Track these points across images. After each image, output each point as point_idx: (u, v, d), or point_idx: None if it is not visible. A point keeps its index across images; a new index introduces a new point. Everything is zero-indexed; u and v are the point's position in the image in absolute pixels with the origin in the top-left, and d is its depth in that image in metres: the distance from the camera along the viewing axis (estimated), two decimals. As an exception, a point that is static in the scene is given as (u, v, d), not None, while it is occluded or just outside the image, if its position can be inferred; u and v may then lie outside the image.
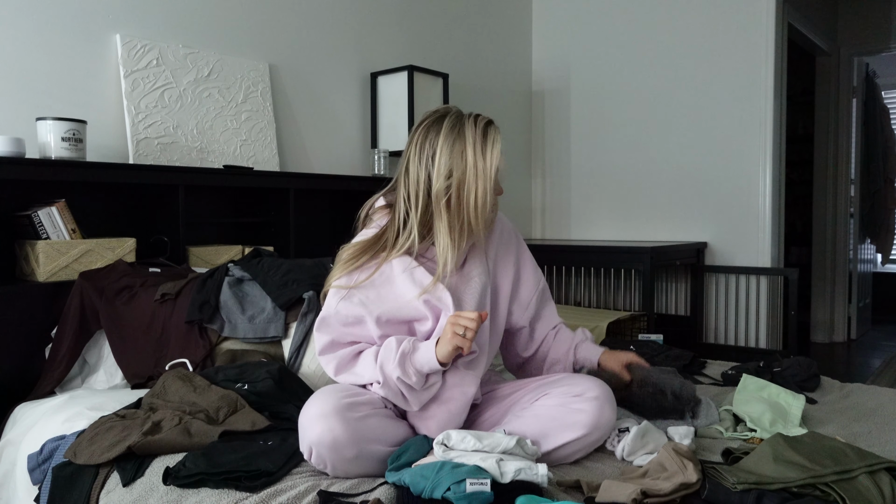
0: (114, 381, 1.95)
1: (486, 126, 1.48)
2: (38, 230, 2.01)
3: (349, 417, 1.31)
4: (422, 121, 1.53)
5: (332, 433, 1.29)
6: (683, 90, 3.69)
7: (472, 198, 1.45)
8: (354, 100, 3.20)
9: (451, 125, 1.48)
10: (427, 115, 1.53)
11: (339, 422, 1.30)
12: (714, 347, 3.55)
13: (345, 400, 1.34)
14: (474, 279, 1.56)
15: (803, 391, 1.89)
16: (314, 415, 1.32)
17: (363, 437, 1.32)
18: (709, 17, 3.60)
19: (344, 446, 1.29)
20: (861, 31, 4.79)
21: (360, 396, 1.40)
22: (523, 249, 1.74)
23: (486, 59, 3.90)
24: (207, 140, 2.55)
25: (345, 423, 1.30)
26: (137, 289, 2.02)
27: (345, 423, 1.30)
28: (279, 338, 1.99)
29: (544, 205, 4.25)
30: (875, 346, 4.85)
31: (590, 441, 1.42)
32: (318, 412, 1.32)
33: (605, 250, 3.40)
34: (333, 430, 1.29)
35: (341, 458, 1.30)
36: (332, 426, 1.29)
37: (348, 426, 1.30)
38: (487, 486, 1.13)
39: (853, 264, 5.02)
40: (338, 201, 3.00)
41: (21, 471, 1.60)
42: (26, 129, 2.14)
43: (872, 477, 1.19)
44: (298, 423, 1.36)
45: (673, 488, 1.16)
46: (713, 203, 3.63)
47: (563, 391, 1.47)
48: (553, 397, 1.47)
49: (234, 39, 2.73)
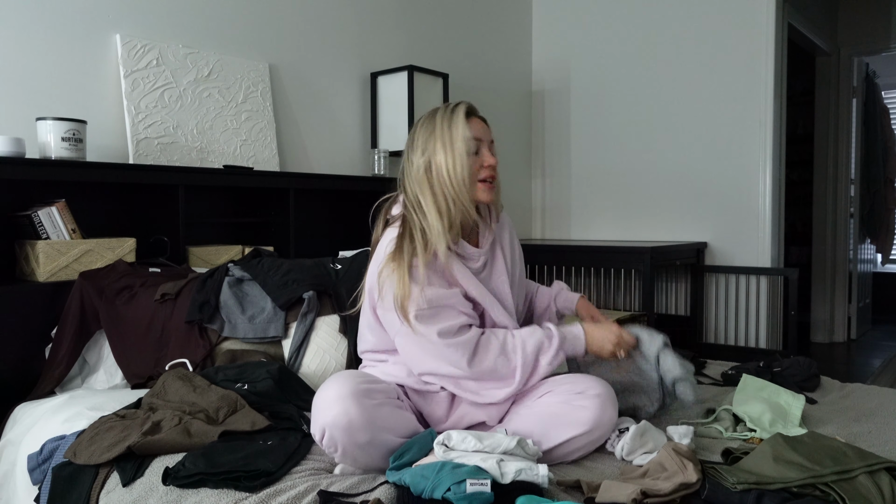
0: (114, 381, 1.95)
1: (456, 104, 1.55)
2: (39, 230, 2.01)
3: (366, 403, 1.33)
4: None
5: (347, 416, 1.30)
6: (683, 90, 3.69)
7: (444, 170, 1.49)
8: (354, 100, 3.20)
9: (429, 114, 1.56)
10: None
11: (355, 405, 1.31)
12: (714, 347, 3.55)
13: (362, 385, 1.36)
14: (503, 274, 1.63)
15: (803, 391, 1.89)
16: (331, 397, 1.33)
17: (376, 424, 1.33)
18: (709, 17, 3.60)
19: (358, 430, 1.30)
20: (861, 31, 4.79)
21: (377, 384, 1.42)
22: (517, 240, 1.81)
23: (486, 59, 3.90)
24: (207, 140, 2.55)
25: (361, 407, 1.31)
26: (137, 289, 2.02)
27: (361, 407, 1.31)
28: (279, 338, 1.99)
29: (544, 205, 4.25)
30: (875, 346, 4.85)
31: (591, 438, 1.43)
32: (335, 394, 1.33)
33: (605, 250, 3.40)
34: (349, 413, 1.30)
35: (353, 443, 1.31)
36: (348, 408, 1.30)
37: (364, 410, 1.31)
38: (488, 486, 1.13)
39: (853, 264, 5.02)
40: (338, 201, 3.00)
41: (21, 471, 1.60)
42: (26, 129, 2.14)
43: (872, 477, 1.19)
44: (313, 405, 1.37)
45: (673, 488, 1.16)
46: (713, 203, 3.63)
47: (566, 389, 1.48)
48: (556, 395, 1.48)
49: (234, 39, 2.73)
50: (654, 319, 3.28)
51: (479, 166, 1.52)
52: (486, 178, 1.53)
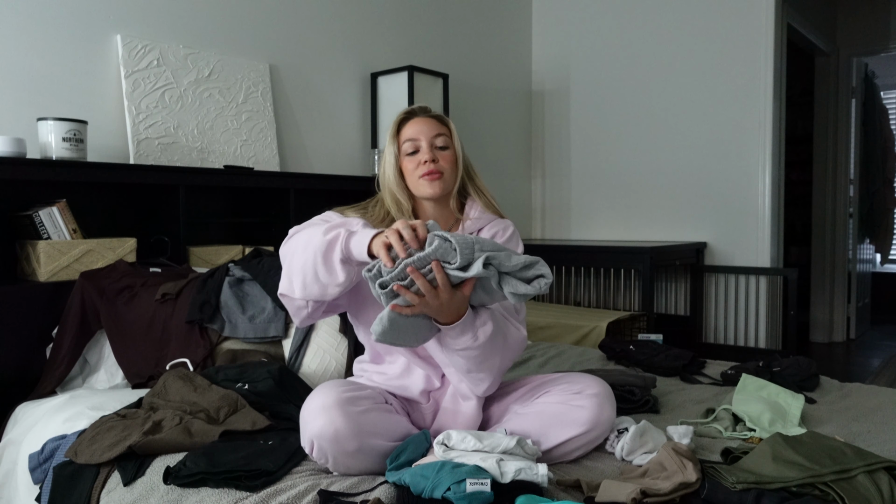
0: (114, 380, 1.96)
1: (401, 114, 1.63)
2: (39, 230, 2.01)
3: (351, 411, 1.32)
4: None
5: (333, 426, 1.29)
6: (683, 90, 3.69)
7: (382, 175, 1.61)
8: (354, 100, 3.21)
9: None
10: None
11: (340, 415, 1.30)
12: (714, 347, 3.56)
13: (346, 394, 1.35)
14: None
15: (802, 391, 1.89)
16: (316, 408, 1.32)
17: (364, 430, 1.32)
18: (708, 17, 3.60)
19: (346, 439, 1.29)
20: (860, 32, 4.80)
21: (362, 391, 1.41)
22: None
23: (486, 59, 3.91)
24: (208, 140, 2.56)
25: (346, 416, 1.30)
26: (138, 289, 2.02)
27: (346, 416, 1.30)
28: (279, 338, 1.99)
29: (544, 205, 4.25)
30: (874, 345, 4.86)
31: (590, 438, 1.43)
32: (319, 405, 1.32)
33: (604, 250, 3.40)
34: (335, 423, 1.29)
35: (343, 452, 1.30)
36: (333, 419, 1.30)
37: (350, 419, 1.30)
38: (487, 485, 1.13)
39: (852, 264, 5.03)
40: (338, 201, 2.98)
41: (22, 470, 1.60)
42: (27, 130, 2.14)
43: (871, 476, 1.19)
44: (300, 417, 1.36)
45: (672, 488, 1.16)
46: (713, 203, 3.63)
47: (564, 388, 1.48)
48: (553, 394, 1.48)
49: (235, 40, 2.73)
50: (654, 319, 3.29)
51: (417, 164, 1.57)
52: (425, 174, 1.55)
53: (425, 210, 1.60)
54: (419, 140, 1.56)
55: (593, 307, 3.72)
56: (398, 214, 1.57)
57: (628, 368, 2.19)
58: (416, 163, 1.56)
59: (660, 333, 2.67)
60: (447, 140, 1.58)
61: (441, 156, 1.57)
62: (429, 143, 1.56)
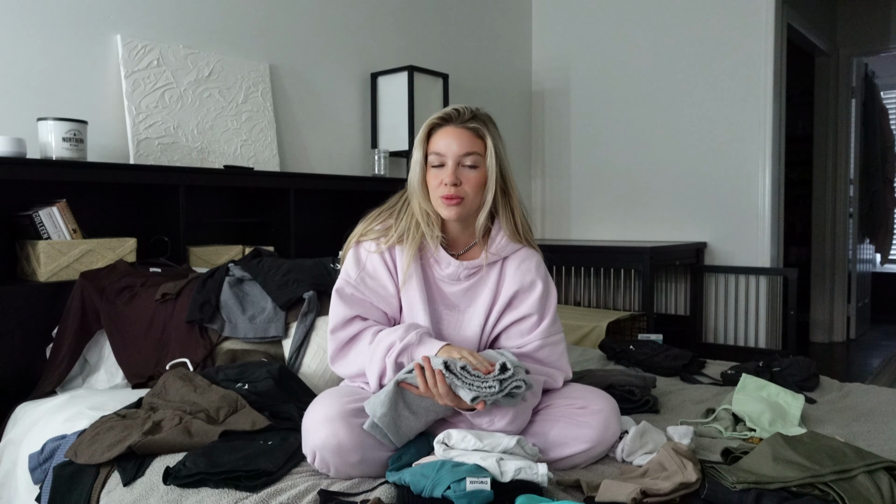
0: (114, 380, 1.96)
1: (439, 113, 1.51)
2: (39, 230, 2.01)
3: (354, 423, 1.31)
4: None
5: (336, 438, 1.28)
6: (683, 90, 3.69)
7: (412, 168, 1.50)
8: (354, 100, 3.21)
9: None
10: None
11: (343, 427, 1.29)
12: (713, 347, 3.56)
13: (349, 405, 1.34)
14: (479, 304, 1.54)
15: (802, 391, 1.89)
16: (319, 419, 1.32)
17: (367, 442, 1.31)
18: (708, 17, 3.60)
19: (348, 451, 1.29)
20: (860, 32, 4.80)
21: (364, 401, 1.40)
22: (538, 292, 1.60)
23: (486, 59, 3.91)
24: (208, 140, 2.56)
25: (349, 428, 1.29)
26: (138, 289, 2.02)
27: (349, 428, 1.29)
28: (279, 338, 1.99)
29: (544, 205, 4.25)
30: (874, 345, 4.85)
31: (593, 454, 1.41)
32: (322, 416, 1.31)
33: (605, 250, 3.40)
34: (338, 435, 1.28)
35: (345, 463, 1.30)
36: (336, 431, 1.29)
37: (353, 431, 1.29)
38: (487, 484, 1.13)
39: (852, 264, 5.03)
40: (338, 201, 3.00)
41: (22, 470, 1.60)
42: (27, 130, 2.14)
43: (871, 476, 1.19)
44: (302, 425, 1.36)
45: (672, 488, 1.16)
46: (713, 203, 3.63)
47: (567, 403, 1.45)
48: (556, 409, 1.45)
49: (235, 40, 2.73)
50: (654, 319, 3.29)
51: (440, 182, 1.46)
52: (444, 196, 1.45)
53: (448, 228, 1.54)
54: (446, 157, 1.45)
55: (593, 307, 3.72)
56: (427, 229, 1.50)
57: (628, 368, 2.19)
58: (439, 180, 1.45)
59: (660, 333, 2.67)
60: (478, 159, 1.45)
61: (466, 178, 1.45)
62: (455, 162, 1.44)
